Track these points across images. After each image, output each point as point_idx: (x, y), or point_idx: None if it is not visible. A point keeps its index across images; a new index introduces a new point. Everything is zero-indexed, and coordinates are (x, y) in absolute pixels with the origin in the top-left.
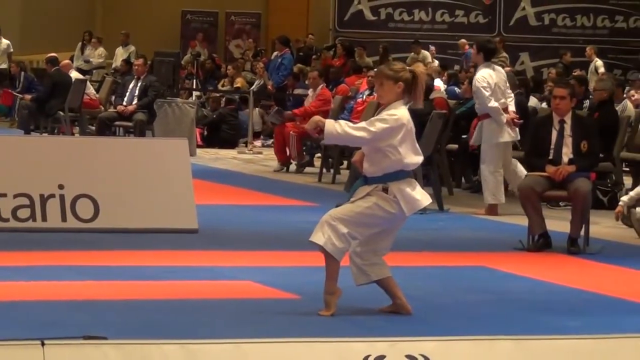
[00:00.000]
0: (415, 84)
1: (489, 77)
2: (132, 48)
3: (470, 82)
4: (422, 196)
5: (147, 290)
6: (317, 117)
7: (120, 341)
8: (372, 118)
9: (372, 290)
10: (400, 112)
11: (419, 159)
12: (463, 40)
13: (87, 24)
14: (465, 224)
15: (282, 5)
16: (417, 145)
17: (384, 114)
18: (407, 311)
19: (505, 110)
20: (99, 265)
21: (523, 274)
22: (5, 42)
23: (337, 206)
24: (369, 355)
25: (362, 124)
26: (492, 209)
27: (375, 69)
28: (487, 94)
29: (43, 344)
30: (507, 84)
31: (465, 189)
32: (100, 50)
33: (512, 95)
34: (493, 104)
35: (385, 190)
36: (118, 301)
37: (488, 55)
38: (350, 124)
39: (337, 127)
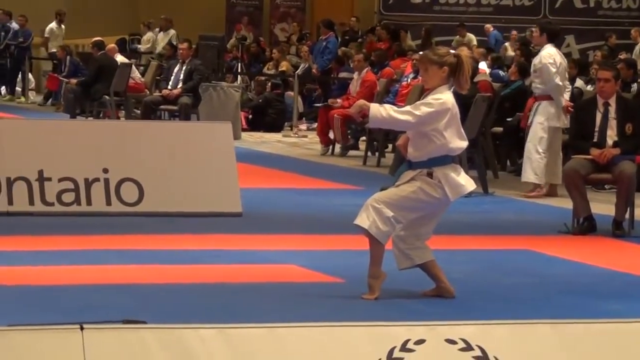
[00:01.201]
0: (461, 68)
1: (555, 56)
2: (172, 32)
3: (518, 65)
4: (466, 181)
5: (191, 273)
6: (361, 101)
7: (159, 325)
8: (417, 102)
9: (415, 274)
10: (446, 96)
11: (464, 143)
12: (488, 25)
13: (133, 9)
14: (510, 207)
15: None
16: (462, 129)
17: (429, 98)
18: (450, 294)
19: None
20: (143, 249)
21: (567, 257)
22: (63, 27)
23: (381, 190)
24: (408, 340)
25: (407, 107)
26: (537, 189)
27: (420, 54)
28: (553, 70)
29: (82, 329)
30: (567, 75)
31: (510, 172)
32: (149, 35)
33: (570, 86)
34: (559, 81)
35: (430, 175)
36: (161, 285)
37: (552, 37)
38: (395, 107)
39: (381, 111)
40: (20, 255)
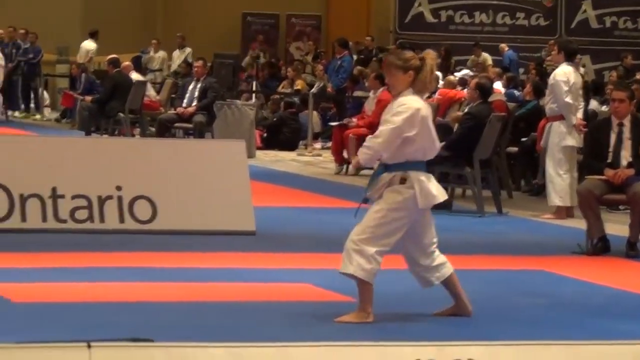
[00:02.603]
0: (421, 70)
1: (569, 74)
2: (188, 50)
3: (533, 85)
4: (438, 191)
5: (203, 292)
6: (354, 161)
7: (167, 344)
8: (384, 118)
9: (428, 294)
10: (409, 100)
11: (436, 145)
12: (503, 45)
13: (148, 26)
14: (524, 227)
15: (343, 8)
16: (434, 133)
17: (394, 109)
18: (467, 313)
19: None
20: (155, 267)
21: (581, 277)
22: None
23: (363, 201)
24: None
25: (380, 128)
26: (560, 212)
27: (385, 59)
28: (565, 88)
29: (89, 346)
30: (581, 92)
31: (525, 191)
32: (161, 53)
33: (583, 104)
34: (569, 99)
35: (404, 180)
36: (172, 303)
37: (569, 55)
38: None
39: (366, 150)
40: (32, 272)
